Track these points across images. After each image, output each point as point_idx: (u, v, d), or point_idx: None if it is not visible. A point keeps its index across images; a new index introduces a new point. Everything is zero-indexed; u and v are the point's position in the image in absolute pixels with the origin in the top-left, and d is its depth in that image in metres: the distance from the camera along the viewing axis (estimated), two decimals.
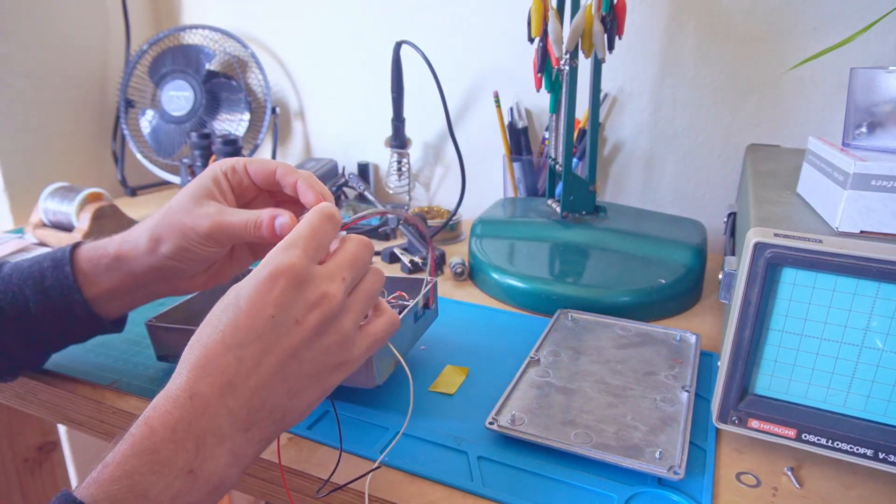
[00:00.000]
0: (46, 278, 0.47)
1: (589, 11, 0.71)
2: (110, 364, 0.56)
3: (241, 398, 0.33)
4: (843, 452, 0.42)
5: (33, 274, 0.47)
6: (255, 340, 0.34)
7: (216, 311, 0.35)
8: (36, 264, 0.48)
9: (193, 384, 0.33)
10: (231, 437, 0.33)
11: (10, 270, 0.48)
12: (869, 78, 0.45)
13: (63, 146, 1.07)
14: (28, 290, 0.47)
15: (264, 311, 0.34)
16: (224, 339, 0.33)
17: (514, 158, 0.95)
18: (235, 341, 0.34)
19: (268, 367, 0.34)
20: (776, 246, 0.40)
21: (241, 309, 0.34)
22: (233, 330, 0.34)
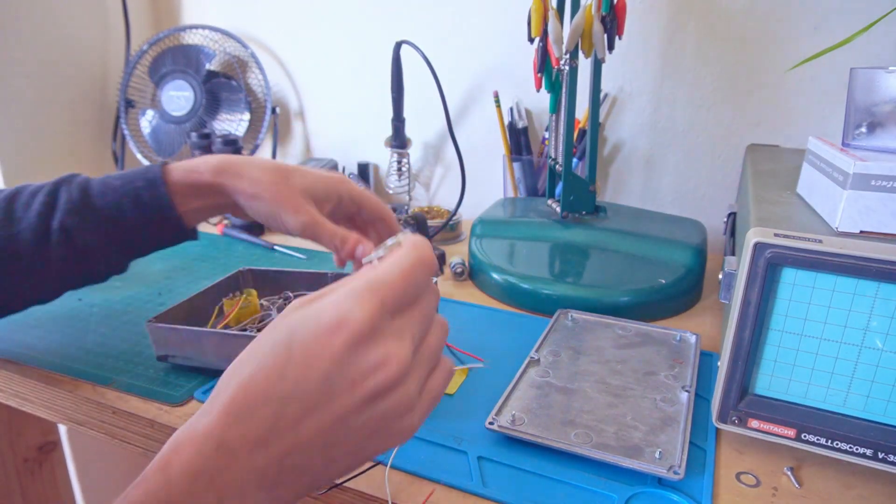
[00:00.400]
0: (142, 196, 0.52)
1: (589, 11, 0.71)
2: (110, 364, 0.56)
3: (273, 457, 0.29)
4: (843, 452, 0.42)
5: (128, 192, 0.52)
6: (302, 397, 0.29)
7: (263, 346, 0.30)
8: (128, 183, 0.52)
9: (223, 432, 0.29)
10: (253, 497, 0.29)
11: (100, 188, 0.52)
12: (869, 78, 0.45)
13: (63, 146, 1.07)
14: (126, 205, 0.52)
15: (319, 365, 0.29)
16: (267, 386, 0.29)
17: (514, 158, 0.95)
18: (278, 393, 0.29)
19: (309, 430, 0.30)
20: (776, 246, 0.40)
21: (292, 356, 0.29)
22: (278, 378, 0.29)
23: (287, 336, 0.30)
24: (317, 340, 0.29)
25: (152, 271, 0.78)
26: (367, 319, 0.29)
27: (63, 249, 0.50)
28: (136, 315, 0.66)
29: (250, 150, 1.11)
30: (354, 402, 0.30)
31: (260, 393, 0.29)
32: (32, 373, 0.56)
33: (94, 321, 0.64)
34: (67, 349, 0.59)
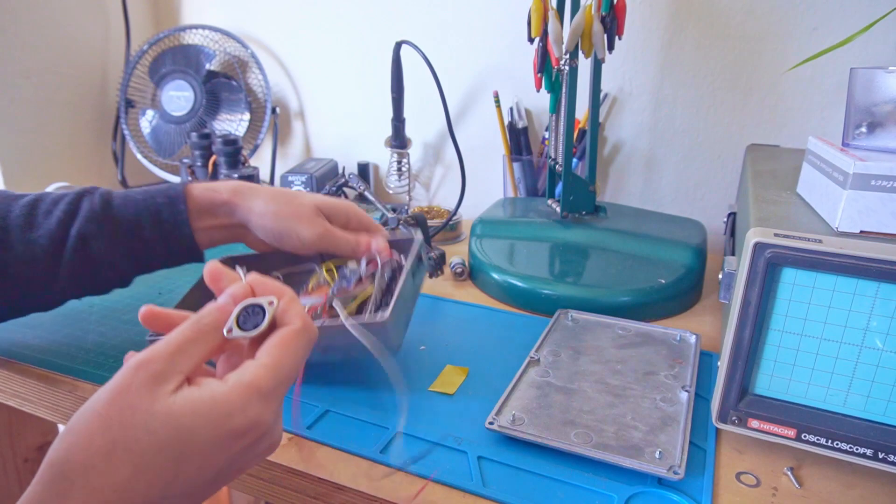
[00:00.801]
0: (163, 212, 0.53)
1: (589, 11, 0.71)
2: (110, 364, 0.56)
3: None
4: (843, 452, 0.42)
5: (149, 207, 0.54)
6: (184, 493, 0.29)
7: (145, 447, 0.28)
8: (150, 198, 0.54)
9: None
10: None
11: (121, 200, 0.54)
12: (869, 78, 0.45)
13: (63, 146, 1.07)
14: (144, 220, 0.53)
15: (212, 469, 0.30)
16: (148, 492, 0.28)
17: (514, 158, 0.95)
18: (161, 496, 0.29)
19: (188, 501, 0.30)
20: (776, 246, 0.40)
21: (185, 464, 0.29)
22: (162, 484, 0.28)
23: (179, 441, 0.29)
24: (215, 448, 0.29)
25: None
26: (269, 417, 0.31)
27: (76, 256, 0.51)
28: (136, 315, 0.66)
29: (250, 150, 1.11)
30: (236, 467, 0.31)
31: (137, 500, 0.28)
32: (32, 373, 0.56)
33: (94, 321, 0.64)
34: (67, 349, 0.59)
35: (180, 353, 0.30)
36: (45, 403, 0.56)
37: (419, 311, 0.68)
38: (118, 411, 0.28)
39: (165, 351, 0.30)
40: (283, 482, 0.45)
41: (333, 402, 0.51)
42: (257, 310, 0.33)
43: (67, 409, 0.54)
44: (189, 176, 1.01)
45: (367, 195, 0.89)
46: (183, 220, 0.53)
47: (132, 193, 0.54)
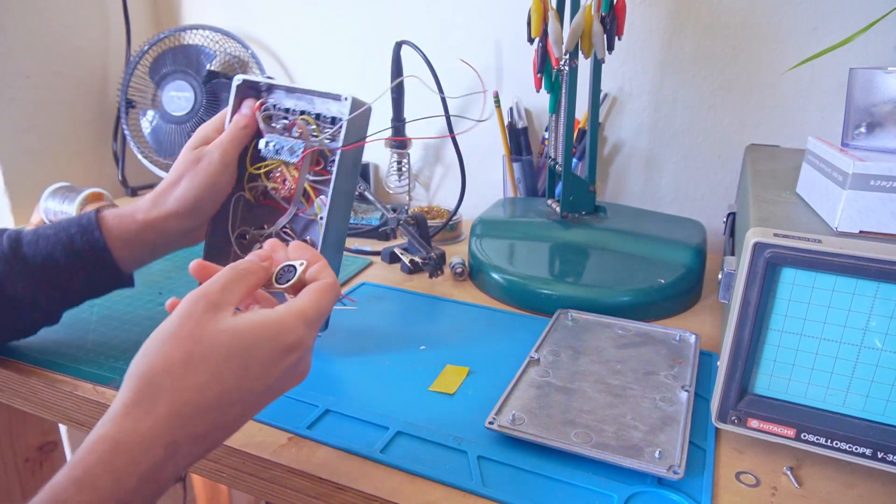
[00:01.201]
0: (76, 242, 0.52)
1: (588, 12, 0.71)
2: (111, 364, 0.56)
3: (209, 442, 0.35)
4: (843, 452, 0.42)
5: (62, 239, 0.52)
6: (246, 399, 0.35)
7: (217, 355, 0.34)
8: (62, 230, 0.53)
9: (173, 434, 0.32)
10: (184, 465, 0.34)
11: (32, 237, 0.53)
12: (868, 78, 0.45)
13: (64, 146, 1.07)
14: (59, 254, 0.52)
15: (267, 380, 0.36)
16: (220, 395, 0.34)
17: (514, 158, 0.95)
18: (229, 399, 0.34)
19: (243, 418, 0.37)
20: (775, 246, 0.40)
21: (249, 371, 0.35)
22: (232, 387, 0.34)
23: (245, 351, 0.35)
24: (272, 359, 0.36)
25: (152, 271, 0.78)
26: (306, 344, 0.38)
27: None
28: (136, 315, 0.66)
29: None
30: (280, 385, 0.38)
31: (212, 400, 0.34)
32: (32, 373, 0.56)
33: (94, 321, 0.64)
34: (67, 349, 0.59)
35: (228, 289, 0.37)
36: (45, 403, 0.56)
37: (419, 311, 0.68)
38: (188, 331, 0.34)
39: (217, 285, 0.37)
40: (283, 482, 0.45)
41: (333, 402, 0.51)
42: (290, 268, 0.42)
43: (67, 409, 0.54)
44: None
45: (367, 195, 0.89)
46: (100, 248, 0.52)
47: (42, 230, 0.53)
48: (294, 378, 0.39)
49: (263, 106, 0.58)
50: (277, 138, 0.57)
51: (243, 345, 0.35)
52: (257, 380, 0.35)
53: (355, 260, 0.83)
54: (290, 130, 0.57)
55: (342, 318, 0.65)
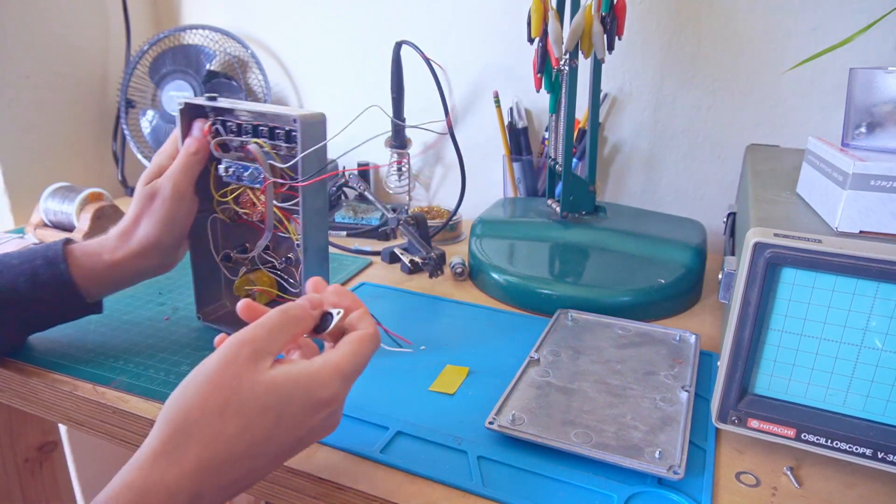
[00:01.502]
0: (40, 275, 0.52)
1: (589, 12, 0.71)
2: (110, 364, 0.56)
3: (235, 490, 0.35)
4: (843, 452, 0.42)
5: (25, 271, 0.52)
6: (276, 452, 0.35)
7: (252, 407, 0.34)
8: (27, 262, 0.52)
9: (199, 485, 0.32)
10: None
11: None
12: (868, 78, 0.45)
13: (63, 146, 1.07)
14: (22, 285, 0.52)
15: (298, 433, 0.36)
16: (251, 447, 0.34)
17: (514, 158, 0.95)
18: (258, 451, 0.34)
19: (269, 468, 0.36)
20: (776, 246, 0.40)
21: (281, 423, 0.35)
22: (262, 440, 0.34)
23: (280, 404, 0.35)
24: (305, 413, 0.36)
25: None
26: (340, 398, 0.37)
27: None
28: (136, 315, 0.66)
29: None
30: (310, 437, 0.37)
31: (241, 452, 0.33)
32: (32, 373, 0.56)
33: (94, 321, 0.64)
34: (67, 349, 0.59)
35: (273, 337, 0.37)
36: (45, 403, 0.56)
37: (419, 311, 0.68)
38: (228, 378, 0.34)
39: (264, 332, 0.36)
40: (283, 482, 0.45)
41: None
42: (328, 317, 0.41)
43: (67, 409, 0.54)
44: None
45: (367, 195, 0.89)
46: (65, 281, 0.52)
47: (8, 257, 0.53)
48: (324, 430, 0.38)
49: (213, 130, 0.55)
50: (235, 164, 0.55)
51: (279, 398, 0.35)
52: (288, 432, 0.35)
53: (355, 260, 0.83)
54: (246, 152, 0.55)
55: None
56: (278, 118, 0.53)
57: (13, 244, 0.85)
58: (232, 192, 0.57)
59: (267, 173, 0.53)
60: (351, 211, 0.96)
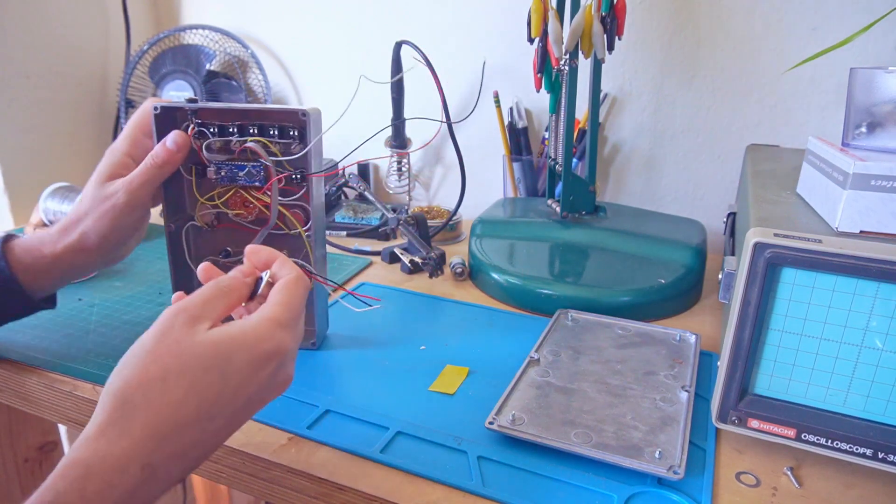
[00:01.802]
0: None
1: (589, 12, 0.71)
2: (110, 364, 0.56)
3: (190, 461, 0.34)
4: (843, 452, 0.42)
5: None
6: (225, 415, 0.35)
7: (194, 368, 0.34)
8: None
9: (150, 453, 0.32)
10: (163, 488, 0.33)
11: None
12: (869, 78, 0.45)
13: (63, 146, 1.07)
14: None
15: (247, 390, 0.35)
16: (198, 409, 0.33)
17: (513, 158, 0.95)
18: (207, 413, 0.34)
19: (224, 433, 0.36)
20: (776, 246, 0.40)
21: (227, 383, 0.34)
22: (210, 401, 0.34)
23: (222, 362, 0.34)
24: (251, 369, 0.35)
25: (152, 271, 0.78)
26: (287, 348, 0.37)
27: None
28: (136, 315, 0.66)
29: None
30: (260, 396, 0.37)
31: (190, 416, 0.33)
32: (32, 373, 0.56)
33: (94, 321, 0.64)
34: (67, 349, 0.59)
35: (209, 304, 0.37)
36: (45, 403, 0.56)
37: (419, 311, 0.68)
38: (166, 346, 0.34)
39: (198, 300, 0.37)
40: (283, 482, 0.45)
41: (333, 402, 0.51)
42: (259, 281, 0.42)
43: (67, 409, 0.54)
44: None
45: (366, 195, 0.89)
46: (6, 278, 0.51)
47: None
48: (275, 388, 0.38)
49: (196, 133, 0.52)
50: (227, 165, 0.53)
51: (220, 355, 0.34)
52: (237, 392, 0.35)
53: (355, 260, 0.83)
54: (237, 153, 0.53)
55: (342, 318, 0.65)
56: (285, 114, 0.54)
57: None
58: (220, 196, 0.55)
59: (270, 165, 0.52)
60: (351, 211, 0.96)
